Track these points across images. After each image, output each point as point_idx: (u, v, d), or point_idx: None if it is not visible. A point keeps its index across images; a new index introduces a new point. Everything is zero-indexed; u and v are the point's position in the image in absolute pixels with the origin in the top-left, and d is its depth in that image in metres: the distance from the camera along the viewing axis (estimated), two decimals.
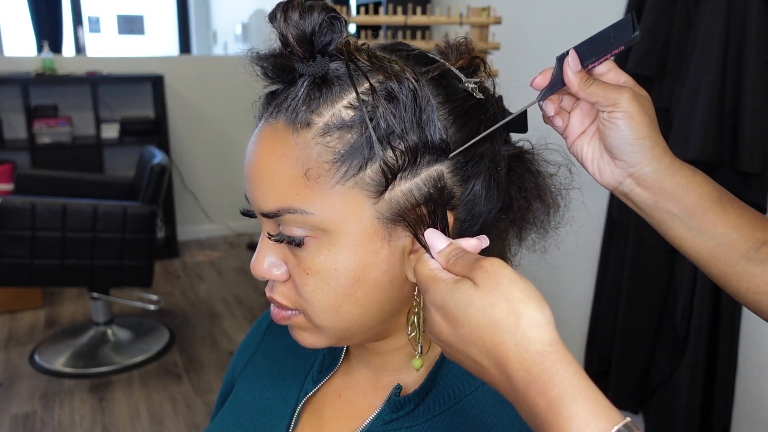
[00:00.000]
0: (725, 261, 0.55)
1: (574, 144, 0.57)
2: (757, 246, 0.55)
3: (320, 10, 0.46)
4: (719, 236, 0.55)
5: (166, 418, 2.51)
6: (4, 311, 3.33)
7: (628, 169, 0.54)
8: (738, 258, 0.55)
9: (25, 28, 5.43)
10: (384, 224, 0.49)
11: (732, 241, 0.55)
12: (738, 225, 0.55)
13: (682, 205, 0.54)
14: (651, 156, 0.53)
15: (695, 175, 0.55)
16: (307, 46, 0.47)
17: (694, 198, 0.54)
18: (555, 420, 0.38)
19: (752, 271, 0.55)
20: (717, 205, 0.55)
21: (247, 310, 3.47)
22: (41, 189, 3.10)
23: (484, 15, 1.67)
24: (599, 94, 0.52)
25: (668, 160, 0.54)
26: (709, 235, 0.55)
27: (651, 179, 0.54)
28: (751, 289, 0.55)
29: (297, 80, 0.49)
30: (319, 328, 0.53)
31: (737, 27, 1.50)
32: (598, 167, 0.56)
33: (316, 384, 0.64)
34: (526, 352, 0.39)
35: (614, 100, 0.52)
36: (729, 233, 0.55)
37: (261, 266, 0.53)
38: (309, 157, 0.48)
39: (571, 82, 0.52)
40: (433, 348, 0.58)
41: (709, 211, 0.54)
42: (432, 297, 0.45)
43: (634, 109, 0.52)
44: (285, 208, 0.49)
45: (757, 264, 0.55)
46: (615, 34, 0.51)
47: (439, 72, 0.51)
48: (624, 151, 0.53)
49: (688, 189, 0.54)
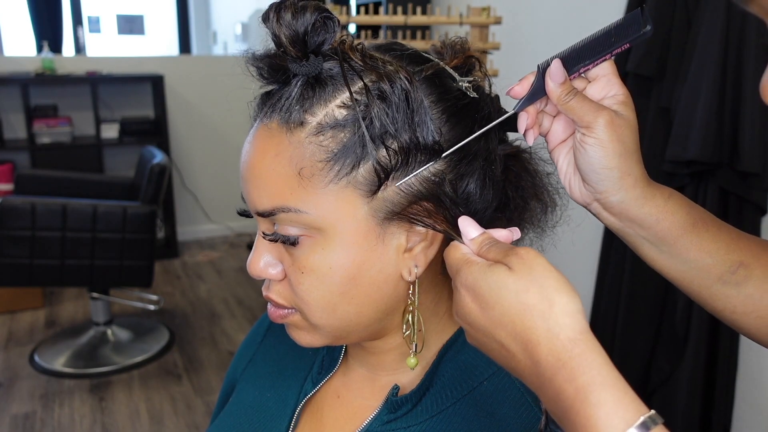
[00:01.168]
0: (699, 283, 0.54)
1: (553, 151, 0.55)
2: (733, 269, 0.53)
3: (313, 10, 0.47)
4: (692, 261, 0.53)
5: (166, 418, 2.51)
6: (4, 311, 3.33)
7: (595, 195, 0.52)
8: (712, 281, 0.53)
9: (25, 28, 5.43)
10: (378, 223, 0.50)
11: (706, 266, 0.53)
12: (713, 250, 0.53)
13: (652, 233, 0.53)
14: (618, 186, 0.51)
15: (667, 203, 0.52)
16: (300, 46, 0.47)
17: (664, 227, 0.52)
18: (582, 407, 0.38)
19: (728, 293, 0.54)
20: (690, 233, 0.52)
21: (247, 310, 3.47)
22: (41, 189, 3.10)
23: (484, 15, 1.66)
24: (576, 112, 0.49)
25: (638, 191, 0.51)
26: (681, 260, 0.53)
27: (617, 208, 0.52)
28: (728, 308, 0.54)
29: (291, 80, 0.49)
30: (316, 327, 0.53)
31: (737, 27, 1.50)
32: (570, 183, 0.55)
33: (315, 385, 0.64)
34: (556, 338, 0.39)
35: (588, 123, 0.49)
36: (703, 258, 0.53)
37: (257, 265, 0.53)
38: (302, 156, 0.48)
39: (551, 92, 0.50)
40: (428, 347, 0.58)
41: (681, 238, 0.52)
42: (464, 278, 0.44)
43: (607, 137, 0.49)
44: (279, 207, 0.49)
45: (732, 286, 0.53)
46: (618, 31, 0.48)
47: (433, 71, 0.51)
48: (590, 178, 0.51)
49: (658, 219, 0.52)
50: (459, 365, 0.58)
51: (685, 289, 0.55)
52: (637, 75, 1.70)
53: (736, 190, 1.54)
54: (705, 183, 1.57)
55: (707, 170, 1.56)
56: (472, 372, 0.57)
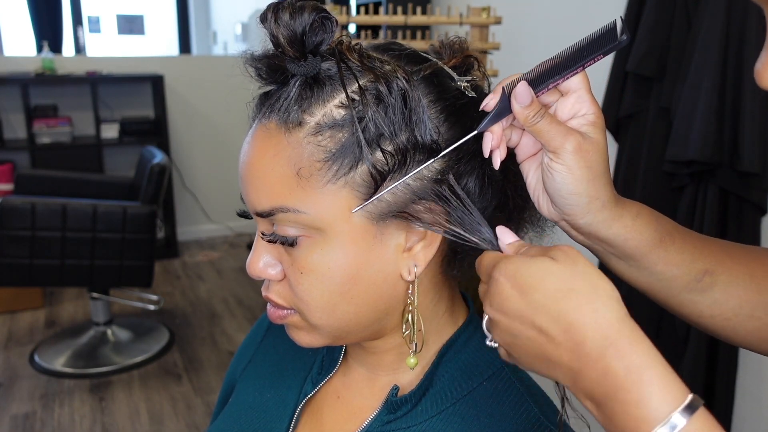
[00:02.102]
0: (666, 293, 0.54)
1: (522, 164, 0.54)
2: (699, 277, 0.54)
3: (311, 11, 0.47)
4: (659, 274, 0.53)
5: (166, 418, 2.51)
6: (4, 311, 3.33)
7: (562, 215, 0.52)
8: (679, 291, 0.54)
9: (25, 28, 5.44)
10: (376, 223, 0.49)
11: (672, 277, 0.53)
12: (679, 261, 0.53)
13: (619, 250, 0.53)
14: (586, 210, 0.50)
15: (635, 222, 0.52)
16: (298, 46, 0.47)
17: (632, 245, 0.52)
18: (634, 385, 0.38)
19: (695, 300, 0.54)
20: (657, 248, 0.52)
21: (247, 310, 3.47)
22: (41, 189, 3.10)
23: (484, 15, 1.66)
24: (543, 135, 0.48)
25: (606, 213, 0.51)
26: (648, 273, 0.53)
27: (586, 229, 0.52)
28: (694, 314, 0.55)
29: (289, 80, 0.49)
30: (315, 327, 0.53)
31: (737, 27, 1.49)
32: (537, 199, 0.54)
33: (315, 385, 0.64)
34: (603, 318, 0.40)
35: (555, 148, 0.48)
36: (670, 270, 0.53)
37: (256, 266, 0.53)
38: (301, 156, 0.48)
39: (518, 115, 0.48)
40: (428, 347, 0.58)
41: (649, 254, 0.52)
42: (503, 268, 0.44)
43: (574, 163, 0.48)
44: (278, 207, 0.49)
45: (698, 293, 0.54)
46: (591, 45, 0.47)
47: (431, 71, 0.51)
48: (557, 201, 0.51)
49: (626, 238, 0.52)
50: (459, 365, 0.58)
51: (652, 297, 0.56)
52: (637, 75, 1.70)
53: (736, 190, 1.54)
54: (705, 183, 1.57)
55: (707, 170, 1.56)
56: (472, 372, 0.57)
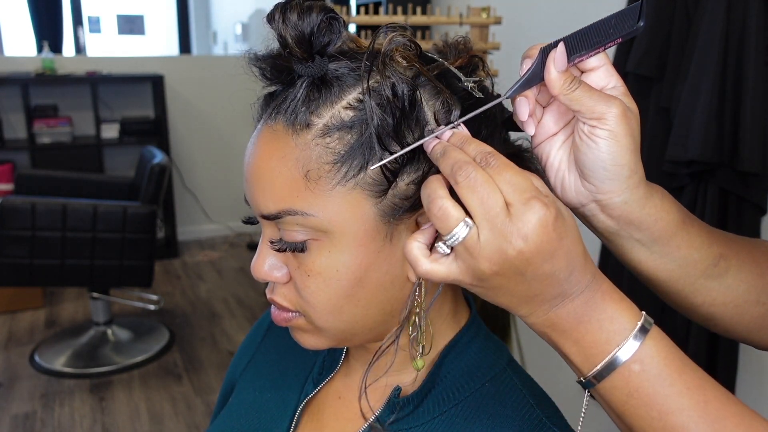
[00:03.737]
0: (684, 280, 0.53)
1: (540, 146, 0.51)
2: (715, 261, 0.53)
3: (319, 11, 0.46)
4: (681, 259, 0.52)
5: (166, 418, 2.51)
6: (4, 311, 3.33)
7: (596, 195, 0.48)
8: (697, 276, 0.53)
9: (25, 28, 5.43)
10: (386, 224, 0.49)
11: (693, 262, 0.52)
12: (698, 245, 0.52)
13: (647, 234, 0.50)
14: (626, 186, 0.47)
15: (663, 202, 0.50)
16: (305, 46, 0.47)
17: (661, 226, 0.50)
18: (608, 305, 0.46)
19: (709, 286, 0.54)
20: (682, 230, 0.51)
21: (247, 310, 3.47)
22: (41, 189, 3.10)
23: (484, 15, 1.66)
24: (584, 103, 0.44)
25: (641, 190, 0.48)
26: (671, 258, 0.52)
27: (619, 209, 0.48)
28: (707, 302, 0.54)
29: (296, 81, 0.49)
30: (320, 330, 0.53)
31: (737, 27, 1.50)
32: (562, 181, 0.50)
33: (316, 386, 0.64)
34: None
35: (600, 114, 0.44)
36: (691, 254, 0.52)
37: (261, 268, 0.53)
38: (309, 158, 0.47)
39: (552, 82, 0.45)
40: (432, 348, 0.58)
41: (674, 236, 0.51)
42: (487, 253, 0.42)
43: (621, 130, 0.45)
44: (285, 210, 0.48)
45: (714, 278, 0.53)
46: (616, 23, 0.45)
47: (438, 71, 0.51)
48: (597, 176, 0.47)
49: (656, 219, 0.49)
50: (461, 367, 0.57)
51: (668, 288, 0.55)
52: (637, 75, 1.70)
53: (736, 190, 1.54)
54: (705, 183, 1.57)
55: (707, 170, 1.56)
56: (475, 374, 0.57)
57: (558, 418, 0.55)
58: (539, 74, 0.45)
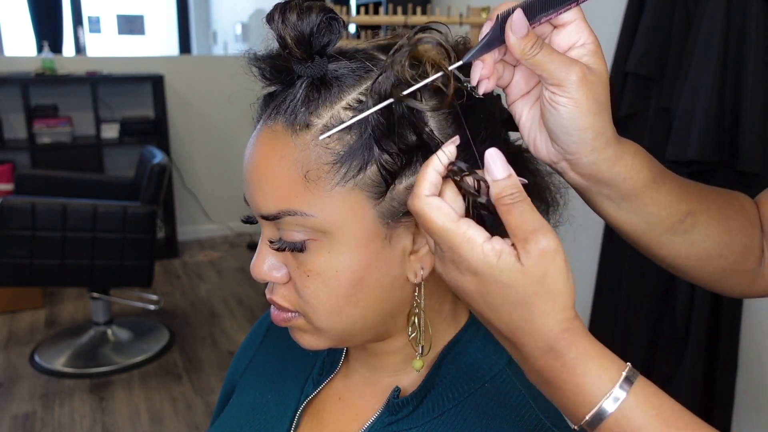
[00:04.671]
0: (650, 234, 0.55)
1: (514, 104, 0.51)
2: (682, 218, 0.54)
3: (318, 11, 0.46)
4: (648, 215, 0.54)
5: (166, 418, 2.51)
6: (4, 311, 3.33)
7: (565, 155, 0.49)
8: (663, 232, 0.55)
9: (25, 28, 5.43)
10: (384, 225, 0.49)
11: (659, 219, 0.54)
12: (667, 202, 0.53)
13: (616, 191, 0.52)
14: (591, 148, 0.48)
15: (635, 160, 0.51)
16: (305, 47, 0.47)
17: (630, 185, 0.51)
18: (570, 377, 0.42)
19: (675, 241, 0.56)
20: (651, 189, 0.52)
21: (247, 310, 3.47)
22: (41, 189, 3.10)
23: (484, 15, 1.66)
24: (545, 68, 0.44)
25: (610, 151, 0.49)
26: (638, 214, 0.54)
27: (587, 169, 0.49)
28: (671, 255, 0.57)
29: (295, 82, 0.49)
30: (320, 330, 0.53)
31: (737, 27, 1.50)
32: (534, 141, 0.51)
33: (316, 386, 0.64)
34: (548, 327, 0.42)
35: (560, 81, 0.45)
36: (658, 212, 0.54)
37: (261, 269, 0.53)
38: (308, 158, 0.48)
39: (512, 48, 0.45)
40: (431, 349, 0.58)
41: (643, 195, 0.52)
42: (466, 259, 0.42)
43: (581, 95, 0.45)
44: (285, 210, 0.49)
45: (679, 234, 0.55)
46: None
47: None
48: (562, 139, 0.47)
49: (625, 178, 0.50)
50: (461, 367, 0.58)
51: (634, 240, 0.57)
52: (637, 75, 1.70)
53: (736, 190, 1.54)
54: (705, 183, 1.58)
55: (707, 170, 1.56)
56: (474, 374, 0.57)
57: (557, 419, 0.55)
58: (499, 37, 0.45)
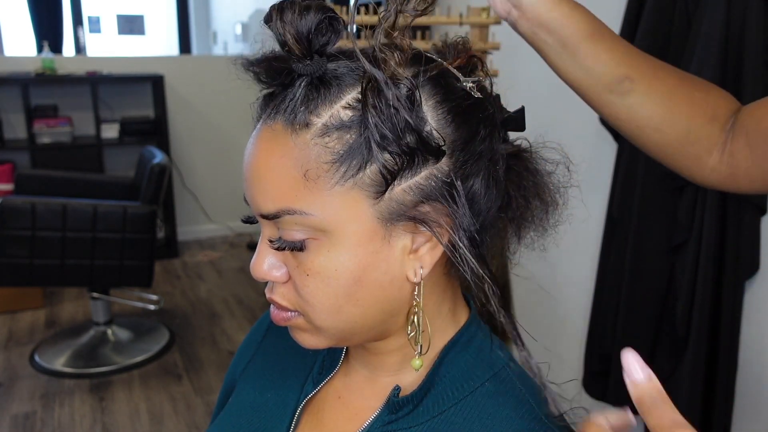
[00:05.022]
0: (593, 90, 0.62)
1: None
2: (619, 80, 0.61)
3: (317, 10, 0.46)
4: (588, 69, 0.61)
5: (166, 418, 2.51)
6: (4, 311, 3.33)
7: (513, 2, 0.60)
8: (602, 89, 0.62)
9: (25, 28, 5.43)
10: (384, 224, 0.49)
11: (598, 75, 0.61)
12: (605, 60, 0.61)
13: (556, 38, 0.60)
14: None
15: (573, 12, 0.60)
16: (304, 45, 0.47)
17: (568, 32, 0.60)
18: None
19: (613, 101, 0.63)
20: (588, 41, 0.60)
21: (247, 310, 3.47)
22: (41, 189, 3.10)
23: (484, 15, 1.66)
24: None
25: None
26: (579, 67, 0.62)
27: (531, 11, 0.60)
28: (612, 115, 0.64)
29: (294, 81, 0.49)
30: (320, 329, 0.53)
31: (737, 27, 1.50)
32: None
33: (316, 385, 0.64)
34: None
35: None
36: (597, 67, 0.61)
37: (260, 268, 0.53)
38: (308, 157, 0.48)
39: None
40: (431, 348, 0.58)
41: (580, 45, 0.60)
42: None
43: None
44: (284, 209, 0.49)
45: (617, 96, 0.62)
46: None
47: (437, 71, 0.51)
48: None
49: (563, 24, 0.59)
50: (461, 366, 0.57)
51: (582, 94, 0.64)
52: None
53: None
54: None
55: None
56: (474, 373, 0.57)
57: (557, 418, 0.55)
58: None
